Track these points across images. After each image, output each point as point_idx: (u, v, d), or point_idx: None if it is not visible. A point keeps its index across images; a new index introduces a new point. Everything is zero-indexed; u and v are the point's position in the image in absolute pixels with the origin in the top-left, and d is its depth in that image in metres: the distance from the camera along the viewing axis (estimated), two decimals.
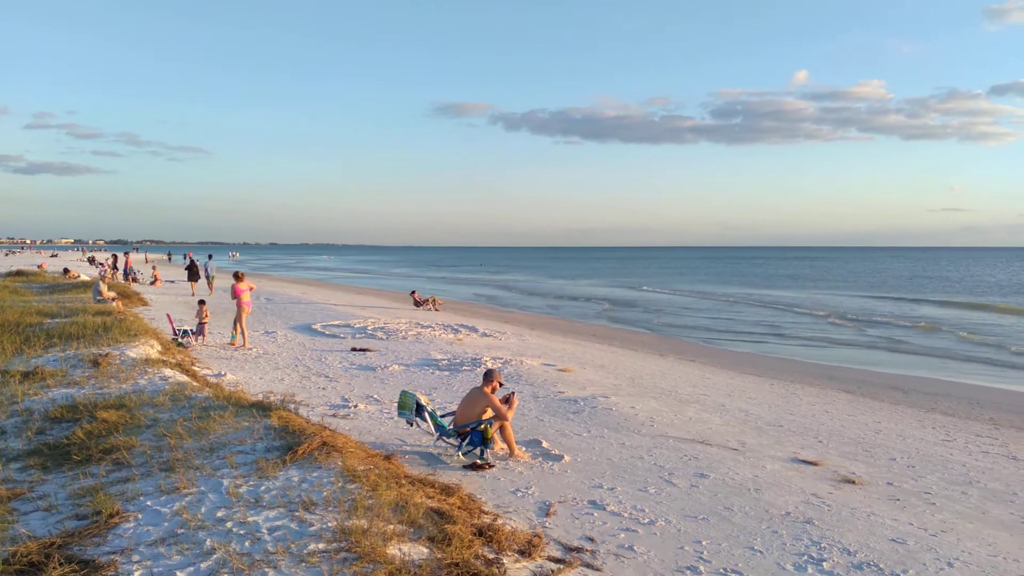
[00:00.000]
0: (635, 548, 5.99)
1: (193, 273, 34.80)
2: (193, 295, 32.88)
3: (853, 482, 8.36)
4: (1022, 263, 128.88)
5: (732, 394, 14.23)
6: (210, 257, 37.02)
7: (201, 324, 17.57)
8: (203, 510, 5.51)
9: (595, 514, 6.78)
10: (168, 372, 11.20)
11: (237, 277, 17.96)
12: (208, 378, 12.23)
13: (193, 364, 13.84)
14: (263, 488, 5.91)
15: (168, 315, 19.38)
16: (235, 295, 17.44)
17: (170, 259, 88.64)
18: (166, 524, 5.29)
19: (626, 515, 6.79)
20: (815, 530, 6.61)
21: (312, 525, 5.14)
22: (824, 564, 5.86)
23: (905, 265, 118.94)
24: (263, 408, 8.54)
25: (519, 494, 7.25)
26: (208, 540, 4.96)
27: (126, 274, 40.82)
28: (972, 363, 22.25)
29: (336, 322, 22.58)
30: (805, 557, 5.99)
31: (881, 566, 5.88)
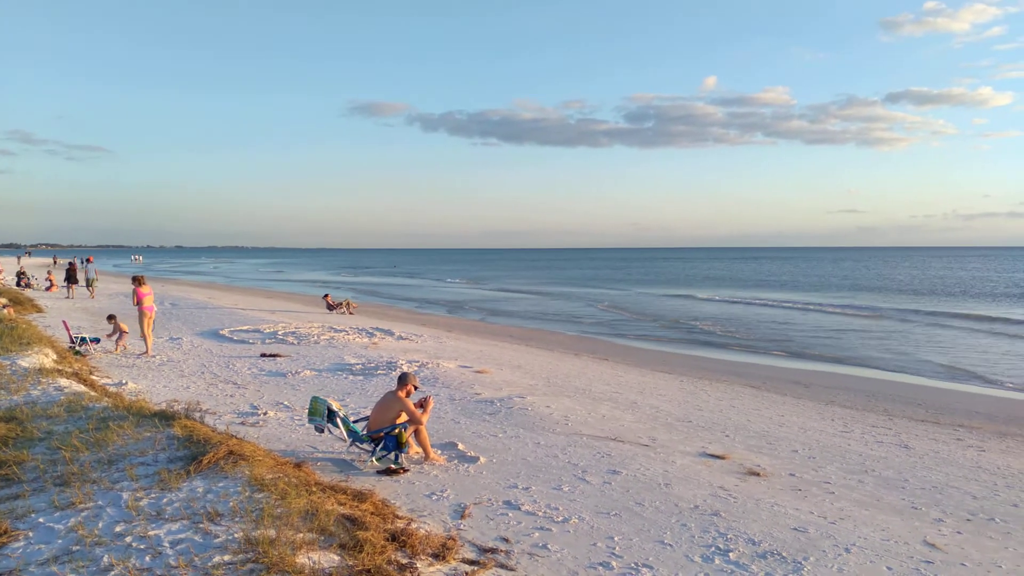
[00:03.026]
0: (549, 547, 6.05)
1: (72, 277, 34.41)
2: (68, 298, 32.81)
3: (758, 474, 8.66)
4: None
5: (644, 391, 14.54)
6: (89, 260, 36.63)
7: (121, 333, 16.93)
8: (100, 525, 5.26)
9: (510, 514, 6.81)
10: (64, 382, 10.66)
11: (138, 281, 17.23)
12: (108, 387, 11.70)
13: (92, 373, 13.20)
14: (165, 500, 5.69)
15: (64, 322, 18.47)
16: (137, 300, 16.75)
17: (55, 263, 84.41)
18: (60, 541, 5.03)
19: (540, 514, 6.84)
20: (722, 522, 6.82)
21: (217, 537, 4.98)
22: (730, 555, 6.05)
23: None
24: (166, 417, 8.22)
25: (434, 497, 7.21)
26: (105, 556, 4.74)
27: None
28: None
29: (245, 327, 21.96)
30: (712, 548, 6.17)
31: (784, 554, 6.11)
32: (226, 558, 4.65)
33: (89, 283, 34.62)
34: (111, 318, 17.55)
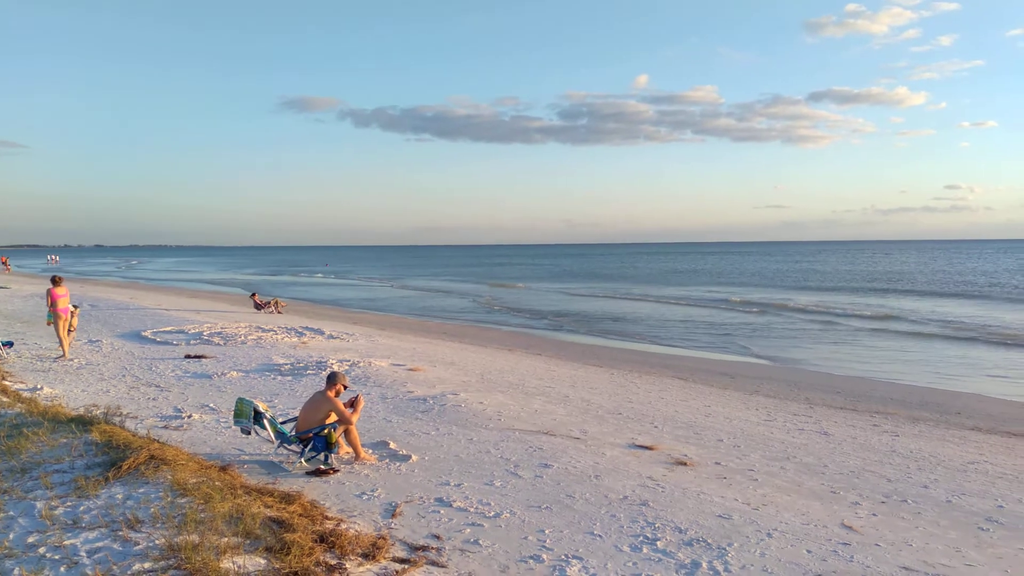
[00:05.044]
0: (480, 542, 6.06)
1: None
2: None
3: (685, 464, 8.86)
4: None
5: (575, 385, 14.69)
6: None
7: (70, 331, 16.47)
8: (11, 536, 5.05)
9: (442, 511, 6.80)
10: None
11: (54, 282, 16.55)
12: (21, 393, 11.20)
13: (4, 378, 12.63)
14: (82, 508, 5.50)
15: None
16: (51, 301, 16.07)
17: None
18: None
19: (472, 510, 6.85)
20: (650, 511, 6.96)
21: (138, 544, 4.83)
22: (658, 543, 6.18)
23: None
24: (84, 422, 7.94)
25: (364, 497, 7.14)
26: (16, 569, 4.55)
27: None
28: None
29: (168, 328, 21.31)
30: (641, 538, 6.29)
31: (709, 541, 6.27)
32: (147, 565, 4.52)
33: None
34: (75, 308, 17.11)
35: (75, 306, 17.36)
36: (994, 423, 13.14)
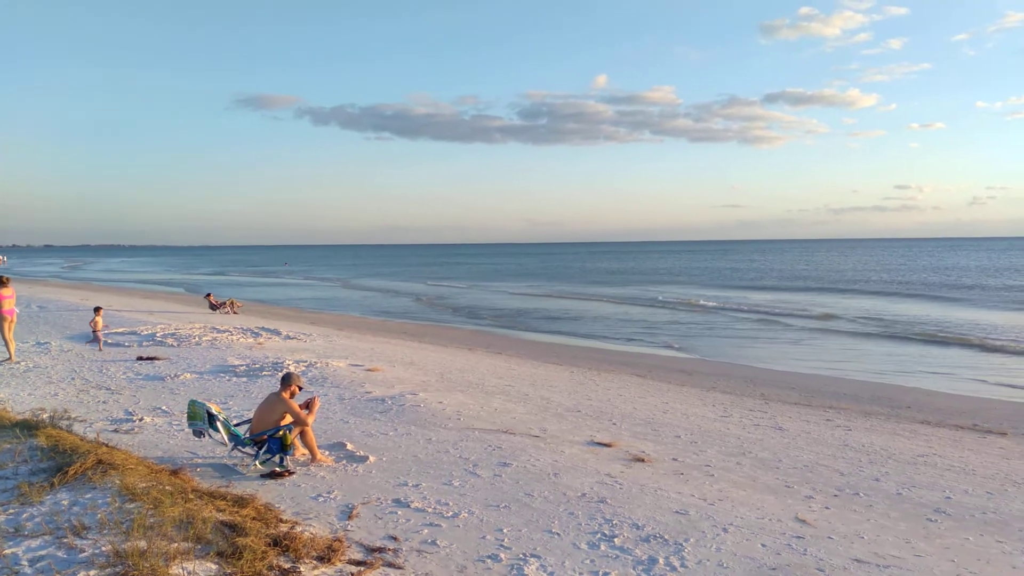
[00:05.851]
0: (438, 542, 6.02)
1: None
2: None
3: (643, 460, 8.92)
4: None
5: (535, 383, 14.71)
6: None
7: (95, 332, 17.30)
8: None
9: (399, 512, 6.74)
10: None
11: (0, 283, 16.06)
12: None
13: None
14: (25, 515, 5.33)
15: None
16: None
17: None
18: None
19: (430, 510, 6.80)
20: (608, 508, 6.98)
21: (83, 551, 4.70)
22: (615, 540, 6.20)
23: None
24: (29, 427, 7.71)
25: (321, 499, 7.05)
26: None
27: None
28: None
29: (120, 329, 20.83)
30: (598, 535, 6.31)
31: (666, 537, 6.31)
32: (92, 573, 4.40)
33: None
34: (98, 310, 18.00)
35: (98, 308, 18.35)
36: (942, 417, 13.49)
